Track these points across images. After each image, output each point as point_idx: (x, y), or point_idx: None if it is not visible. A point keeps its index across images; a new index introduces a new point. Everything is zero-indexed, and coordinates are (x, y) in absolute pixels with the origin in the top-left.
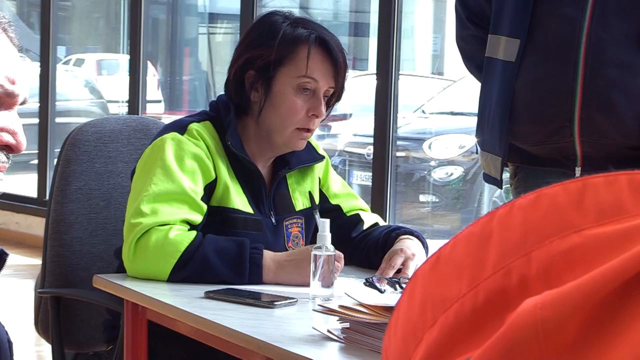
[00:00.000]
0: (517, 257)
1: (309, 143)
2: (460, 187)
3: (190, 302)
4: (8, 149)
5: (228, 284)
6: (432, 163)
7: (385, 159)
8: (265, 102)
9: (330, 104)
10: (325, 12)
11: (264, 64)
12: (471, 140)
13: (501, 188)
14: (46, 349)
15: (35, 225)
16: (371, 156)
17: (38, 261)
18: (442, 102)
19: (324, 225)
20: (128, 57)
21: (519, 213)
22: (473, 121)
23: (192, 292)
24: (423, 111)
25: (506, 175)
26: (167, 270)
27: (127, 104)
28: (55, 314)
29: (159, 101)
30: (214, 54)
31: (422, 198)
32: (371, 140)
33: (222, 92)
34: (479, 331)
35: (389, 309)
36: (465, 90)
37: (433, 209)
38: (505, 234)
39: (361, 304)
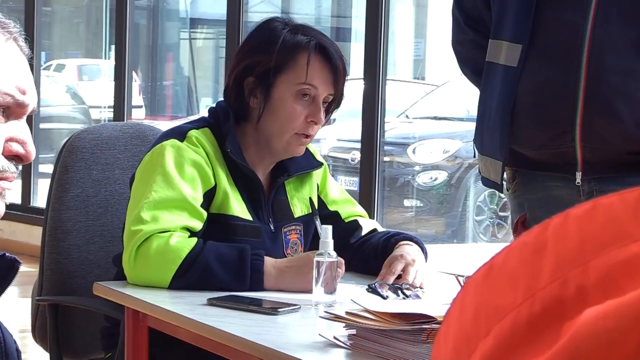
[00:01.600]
0: (574, 267)
1: (307, 150)
2: (444, 192)
3: (193, 309)
4: (17, 158)
5: (229, 290)
6: (417, 168)
7: (373, 164)
8: (264, 109)
9: (329, 111)
10: (307, 17)
11: (264, 70)
12: (455, 145)
13: (501, 192)
14: (41, 356)
15: (19, 232)
16: (355, 161)
17: (23, 268)
18: (425, 107)
19: (327, 231)
20: (109, 62)
21: (575, 223)
22: (457, 126)
23: (193, 299)
24: (407, 116)
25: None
26: (169, 277)
27: (108, 110)
28: (54, 322)
29: (140, 106)
30: (195, 59)
31: (406, 203)
32: (355, 145)
33: (205, 96)
34: (534, 341)
35: (395, 316)
36: (449, 95)
37: (417, 213)
38: (560, 243)
39: (368, 310)
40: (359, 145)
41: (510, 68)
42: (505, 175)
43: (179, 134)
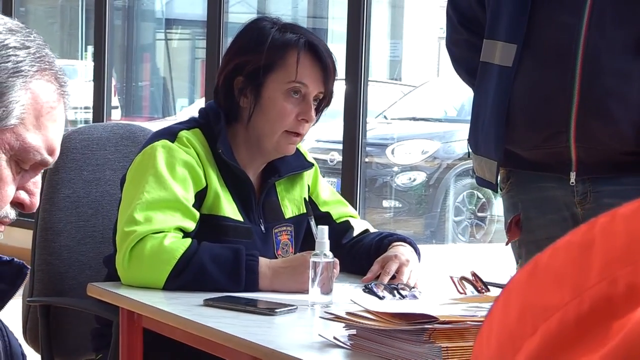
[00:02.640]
0: (624, 266)
1: (298, 150)
2: (423, 193)
3: (189, 309)
4: (20, 206)
5: (224, 291)
6: (395, 169)
7: (355, 165)
8: (254, 108)
9: (319, 109)
10: (283, 17)
11: (253, 69)
12: (434, 146)
13: (496, 191)
14: (33, 357)
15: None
16: (334, 162)
17: None
18: (403, 108)
19: (323, 232)
20: (85, 62)
21: (622, 222)
22: (435, 127)
23: (189, 299)
24: (385, 117)
25: None
26: (163, 278)
27: (85, 111)
28: (45, 323)
29: (116, 107)
30: (172, 60)
31: (385, 203)
32: (334, 145)
33: (182, 97)
34: (583, 340)
35: (395, 316)
36: (427, 96)
37: (396, 214)
38: (609, 242)
39: (368, 311)
40: (337, 146)
41: (505, 68)
42: (499, 176)
43: (170, 134)
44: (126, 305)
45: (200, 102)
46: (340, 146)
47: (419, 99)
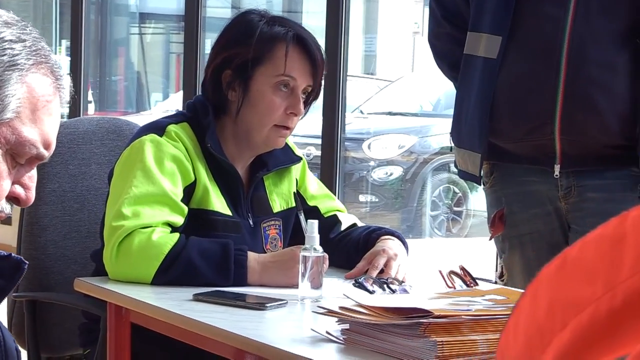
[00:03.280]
0: None
1: (286, 144)
2: (399, 187)
3: (179, 304)
4: (15, 200)
5: (212, 285)
6: (372, 163)
7: (334, 160)
8: (243, 101)
9: (308, 102)
10: None
11: (242, 63)
12: (410, 140)
13: (480, 184)
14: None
15: None
16: (311, 156)
17: None
18: (380, 103)
19: (313, 226)
20: (58, 57)
21: None
22: (412, 121)
23: (178, 294)
24: (361, 111)
25: None
26: (151, 273)
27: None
28: (31, 318)
29: (90, 102)
30: (146, 55)
31: (361, 198)
32: (310, 140)
33: (156, 92)
34: (616, 334)
35: (389, 310)
36: (403, 90)
37: (372, 208)
38: None
39: (361, 305)
40: (314, 141)
41: (490, 60)
42: (482, 170)
43: (158, 128)
44: (114, 300)
45: (175, 97)
46: (317, 141)
47: (395, 94)
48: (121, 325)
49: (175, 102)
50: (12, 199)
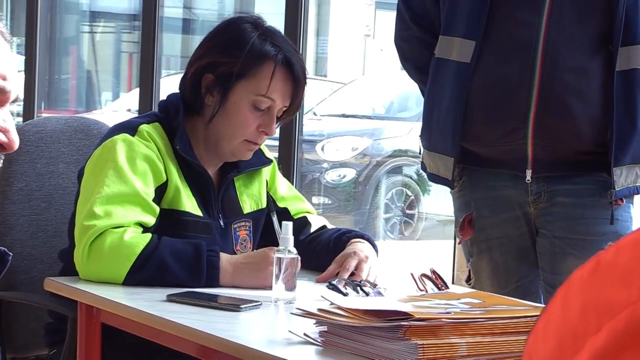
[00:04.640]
0: None
1: None
2: (352, 189)
3: (153, 305)
4: (0, 147)
5: (184, 286)
6: (325, 165)
7: (292, 161)
8: (219, 110)
9: (280, 119)
10: (209, 12)
11: (226, 72)
12: (364, 143)
13: (452, 188)
14: None
15: None
16: None
17: None
18: (333, 105)
19: (287, 227)
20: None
21: None
22: (365, 124)
23: (151, 295)
24: (314, 113)
25: None
26: (123, 273)
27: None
28: None
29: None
30: (97, 53)
31: (314, 200)
32: (267, 142)
33: (106, 91)
34: None
35: (367, 312)
36: (356, 93)
37: (325, 210)
38: None
39: (340, 307)
40: (270, 142)
41: (463, 64)
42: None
43: (130, 128)
44: (85, 300)
45: (126, 97)
46: (274, 142)
47: (348, 96)
48: (91, 325)
49: (126, 102)
50: None
